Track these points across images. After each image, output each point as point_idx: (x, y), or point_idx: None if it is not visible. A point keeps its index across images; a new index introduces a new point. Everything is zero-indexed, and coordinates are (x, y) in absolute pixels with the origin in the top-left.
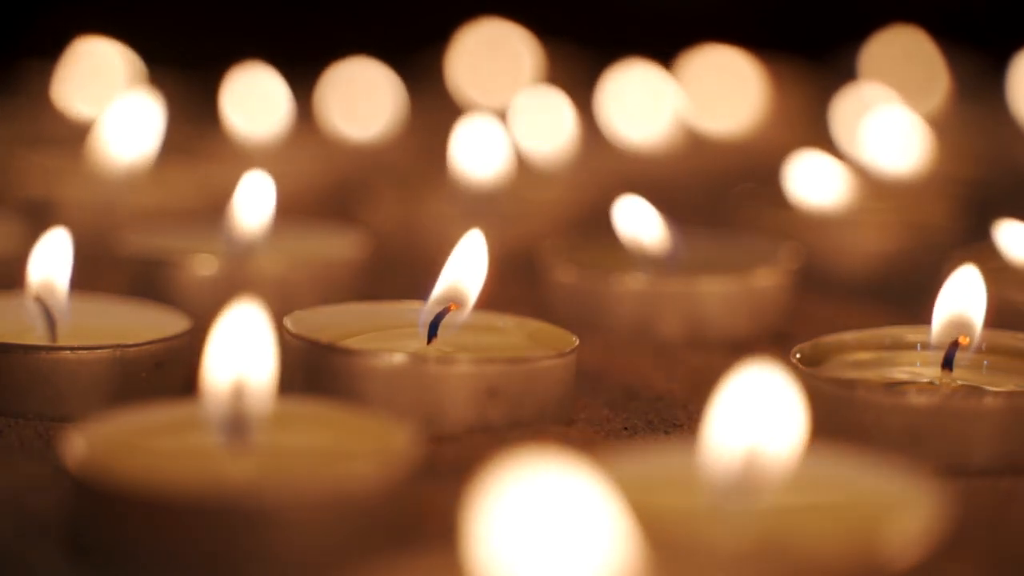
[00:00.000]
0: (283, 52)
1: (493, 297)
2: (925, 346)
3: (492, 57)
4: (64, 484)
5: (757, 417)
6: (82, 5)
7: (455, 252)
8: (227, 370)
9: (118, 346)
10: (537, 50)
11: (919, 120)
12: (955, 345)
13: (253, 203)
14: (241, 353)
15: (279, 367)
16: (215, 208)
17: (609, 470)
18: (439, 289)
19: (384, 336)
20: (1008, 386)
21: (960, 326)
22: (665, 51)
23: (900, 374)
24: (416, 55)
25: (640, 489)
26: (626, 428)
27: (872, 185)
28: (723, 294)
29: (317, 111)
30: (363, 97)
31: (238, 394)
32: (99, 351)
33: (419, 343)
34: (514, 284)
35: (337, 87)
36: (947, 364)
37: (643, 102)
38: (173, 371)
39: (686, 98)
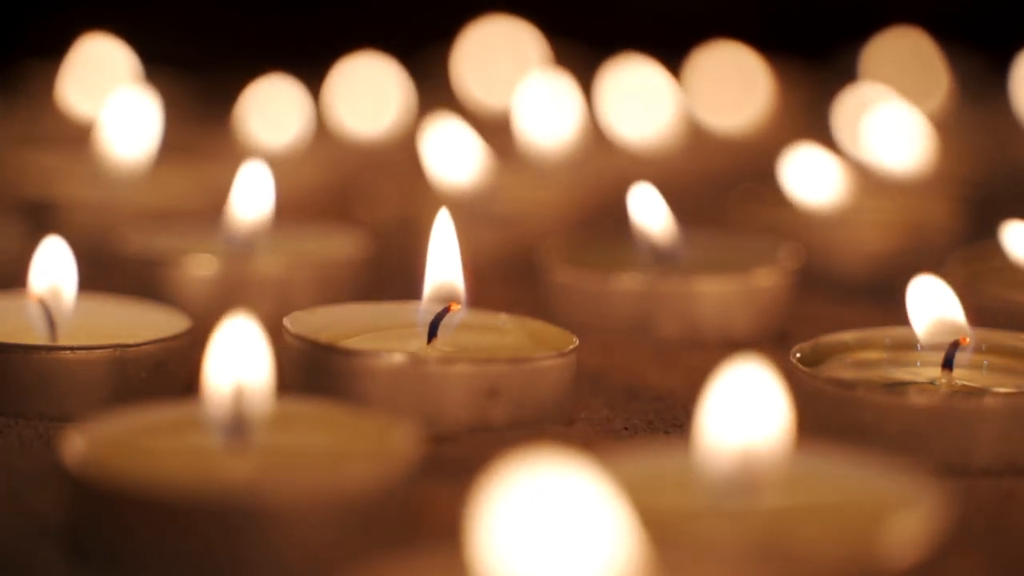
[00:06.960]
0: (287, 48)
1: (493, 297)
2: (925, 346)
3: (497, 53)
4: (64, 484)
5: (748, 415)
6: (82, 5)
7: (433, 245)
8: (226, 372)
9: (118, 346)
10: (542, 47)
11: (920, 117)
12: (955, 345)
13: (252, 195)
14: (239, 357)
15: (279, 367)
16: (215, 208)
17: (610, 469)
18: (430, 288)
19: (384, 336)
20: (1008, 386)
21: (950, 327)
22: (667, 50)
23: (900, 374)
24: (421, 51)
25: (640, 489)
26: (626, 428)
27: (872, 185)
28: (723, 294)
29: (322, 109)
30: (369, 93)
31: (238, 394)
32: (99, 351)
33: (419, 343)
34: (514, 284)
35: (343, 83)
36: (947, 364)
37: (644, 101)
38: (173, 371)
39: (688, 96)
